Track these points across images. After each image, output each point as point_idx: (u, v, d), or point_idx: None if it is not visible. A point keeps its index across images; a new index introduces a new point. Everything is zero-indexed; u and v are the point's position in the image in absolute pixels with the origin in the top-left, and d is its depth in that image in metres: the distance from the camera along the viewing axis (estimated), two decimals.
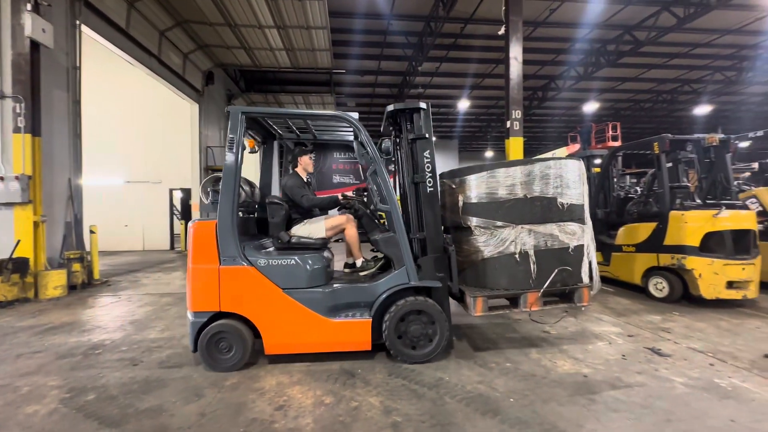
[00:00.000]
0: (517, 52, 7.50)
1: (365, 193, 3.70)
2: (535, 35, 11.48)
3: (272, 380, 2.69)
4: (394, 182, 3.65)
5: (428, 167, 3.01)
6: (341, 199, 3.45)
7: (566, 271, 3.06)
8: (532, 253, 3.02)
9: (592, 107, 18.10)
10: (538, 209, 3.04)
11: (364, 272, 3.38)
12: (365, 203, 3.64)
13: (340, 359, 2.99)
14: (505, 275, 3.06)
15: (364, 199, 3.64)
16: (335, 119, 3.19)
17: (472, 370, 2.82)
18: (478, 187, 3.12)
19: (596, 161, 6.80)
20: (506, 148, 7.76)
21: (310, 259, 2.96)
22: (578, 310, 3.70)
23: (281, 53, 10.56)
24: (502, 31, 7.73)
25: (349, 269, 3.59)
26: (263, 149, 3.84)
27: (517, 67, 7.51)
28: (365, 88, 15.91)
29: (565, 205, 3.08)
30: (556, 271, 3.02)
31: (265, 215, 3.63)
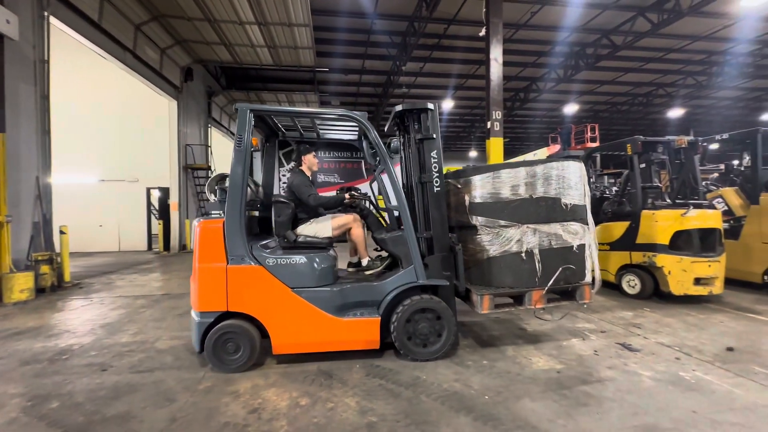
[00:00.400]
0: (497, 53, 7.60)
1: (363, 192, 3.72)
2: (516, 37, 11.68)
3: (247, 383, 2.65)
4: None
5: (435, 167, 3.04)
6: (348, 198, 3.42)
7: (570, 269, 3.13)
8: (537, 252, 3.08)
9: (571, 109, 18.56)
10: (543, 209, 3.10)
11: (369, 271, 3.40)
12: (372, 202, 3.67)
13: (318, 360, 2.97)
14: (510, 274, 3.11)
15: (370, 198, 3.67)
16: (343, 118, 3.17)
17: (449, 368, 2.84)
18: (482, 187, 3.16)
19: None
20: (487, 148, 7.86)
21: (318, 258, 2.96)
22: (580, 307, 3.81)
23: (263, 50, 10.39)
24: (482, 32, 7.82)
25: (353, 268, 3.60)
26: (266, 147, 3.80)
27: (497, 68, 7.61)
28: (350, 87, 15.85)
29: (568, 205, 3.15)
30: (560, 269, 3.08)
31: (265, 214, 3.58)
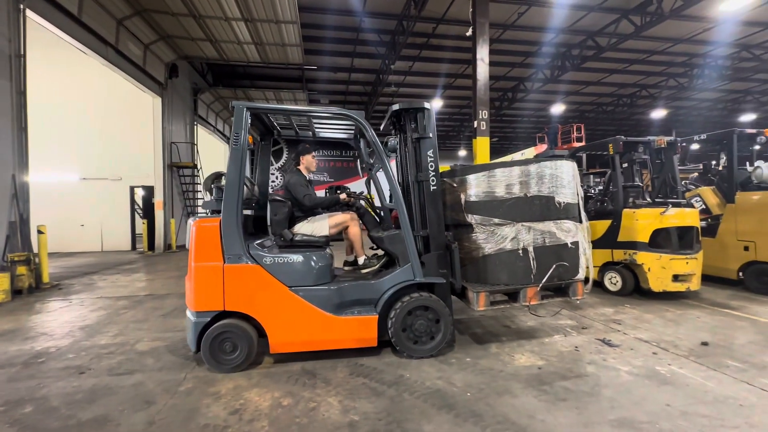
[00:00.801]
0: (484, 53, 7.66)
1: (358, 192, 3.72)
2: (504, 37, 11.78)
3: (230, 383, 2.62)
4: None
5: (432, 166, 3.06)
6: (344, 198, 3.41)
7: (563, 266, 3.19)
8: (531, 249, 3.12)
9: (558, 109, 18.84)
10: (537, 208, 3.15)
11: (366, 270, 3.41)
12: (368, 201, 3.68)
13: (302, 360, 2.96)
14: (505, 271, 3.15)
15: (366, 197, 3.68)
16: (339, 117, 3.16)
17: (432, 366, 2.86)
18: (478, 186, 3.20)
19: None
20: (473, 147, 7.92)
21: (315, 256, 2.97)
22: (573, 303, 3.89)
23: (250, 47, 10.26)
24: (469, 32, 7.87)
25: (349, 267, 3.60)
26: (260, 146, 3.78)
27: (484, 68, 7.67)
28: (339, 85, 15.78)
29: (561, 203, 3.20)
30: (554, 266, 3.13)
31: (261, 213, 3.55)
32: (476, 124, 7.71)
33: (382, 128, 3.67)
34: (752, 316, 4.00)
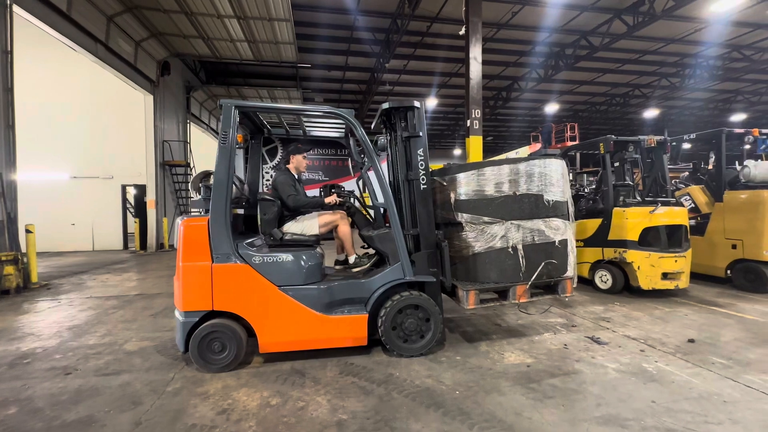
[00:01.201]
0: (476, 52, 7.66)
1: (347, 190, 3.72)
2: (498, 37, 11.80)
3: (218, 383, 2.61)
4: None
5: (422, 165, 3.06)
6: (329, 201, 3.35)
7: (552, 264, 3.20)
8: (520, 247, 3.14)
9: (552, 108, 18.93)
10: (526, 206, 3.16)
11: (356, 269, 3.41)
12: (359, 199, 3.66)
13: (292, 359, 2.95)
14: (495, 269, 3.17)
15: (356, 195, 3.66)
16: (329, 116, 3.15)
17: (422, 365, 2.86)
18: (467, 184, 3.21)
19: None
20: (466, 146, 7.93)
21: (305, 255, 2.95)
22: (562, 300, 3.90)
23: (243, 45, 10.18)
24: (462, 31, 7.87)
25: (340, 266, 3.59)
26: (251, 144, 3.75)
27: (477, 67, 7.68)
28: (333, 83, 15.71)
29: (550, 201, 3.22)
30: (543, 264, 3.15)
31: (251, 212, 3.53)
32: (469, 123, 7.72)
33: (373, 127, 3.67)
34: (739, 313, 4.06)
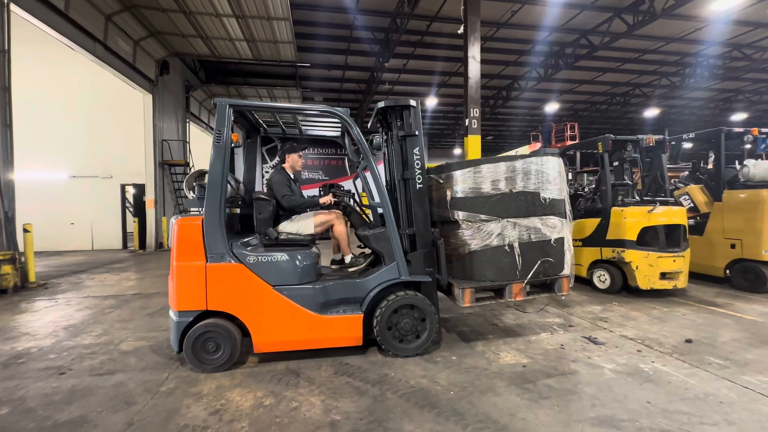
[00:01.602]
0: (475, 51, 7.64)
1: (345, 189, 3.71)
2: (498, 36, 11.77)
3: (212, 383, 2.60)
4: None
5: (418, 164, 3.05)
6: (323, 201, 3.33)
7: (548, 262, 3.19)
8: (517, 245, 3.12)
9: (552, 107, 18.89)
10: (522, 204, 3.14)
11: (352, 268, 3.39)
12: (354, 199, 3.65)
13: (287, 359, 2.94)
14: (491, 267, 3.15)
15: (353, 195, 3.65)
16: (324, 114, 3.13)
17: (417, 365, 2.85)
18: (463, 182, 3.19)
19: None
20: (465, 145, 7.91)
21: (300, 255, 2.94)
22: (559, 299, 3.87)
23: (242, 44, 10.17)
24: (461, 30, 7.84)
25: (336, 265, 3.58)
26: (247, 143, 3.73)
27: (475, 66, 7.65)
28: (333, 82, 15.69)
29: (547, 199, 3.20)
30: (539, 262, 3.13)
31: (247, 211, 3.53)
32: (468, 122, 7.70)
33: (369, 126, 3.66)
34: (737, 313, 4.04)
